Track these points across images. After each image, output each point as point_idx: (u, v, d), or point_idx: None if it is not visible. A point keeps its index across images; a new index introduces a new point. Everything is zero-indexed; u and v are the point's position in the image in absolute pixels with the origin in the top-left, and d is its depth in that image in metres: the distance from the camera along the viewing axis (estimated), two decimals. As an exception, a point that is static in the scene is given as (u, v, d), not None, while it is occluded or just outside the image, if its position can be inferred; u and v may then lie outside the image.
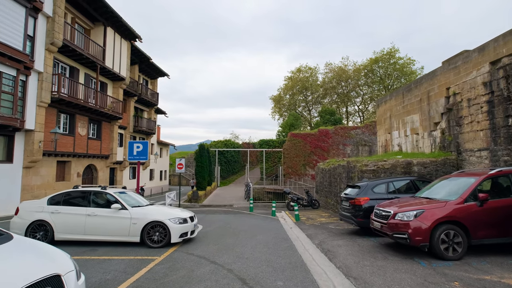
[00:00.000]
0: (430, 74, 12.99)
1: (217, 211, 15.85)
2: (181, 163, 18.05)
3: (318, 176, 17.87)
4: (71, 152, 16.98)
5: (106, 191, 7.52)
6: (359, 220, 8.30)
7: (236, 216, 14.10)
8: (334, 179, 14.13)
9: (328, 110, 40.72)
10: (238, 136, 56.63)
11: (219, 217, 13.73)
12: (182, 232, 7.30)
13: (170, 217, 7.26)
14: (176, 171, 18.13)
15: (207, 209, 17.13)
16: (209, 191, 24.20)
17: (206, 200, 20.70)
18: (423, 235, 5.70)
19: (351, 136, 32.13)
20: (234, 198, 21.85)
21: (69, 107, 16.65)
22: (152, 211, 7.48)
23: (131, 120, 24.83)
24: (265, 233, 9.50)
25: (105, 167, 20.95)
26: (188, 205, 18.39)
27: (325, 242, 7.98)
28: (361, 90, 56.15)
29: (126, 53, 21.94)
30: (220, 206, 18.20)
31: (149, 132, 27.98)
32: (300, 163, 31.30)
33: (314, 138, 31.87)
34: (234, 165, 39.04)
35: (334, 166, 14.40)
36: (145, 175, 29.32)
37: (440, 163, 11.02)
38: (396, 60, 51.62)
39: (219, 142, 37.46)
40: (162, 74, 29.51)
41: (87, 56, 17.09)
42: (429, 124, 12.91)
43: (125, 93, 23.56)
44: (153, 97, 28.58)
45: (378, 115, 18.76)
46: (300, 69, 57.99)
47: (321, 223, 11.43)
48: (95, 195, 7.46)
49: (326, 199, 15.63)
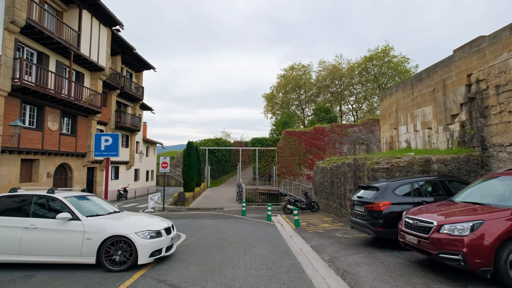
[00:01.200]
0: (446, 60, 11.52)
1: (205, 215, 14.08)
2: (166, 161, 16.21)
3: (317, 176, 16.28)
4: (39, 149, 14.94)
5: (53, 195, 5.68)
6: (378, 230, 6.69)
7: (227, 221, 12.36)
8: (337, 179, 12.54)
9: (323, 108, 39.31)
10: (229, 135, 54.60)
11: (207, 222, 11.97)
12: (154, 249, 5.54)
13: (138, 230, 5.50)
14: (160, 170, 16.28)
15: (195, 213, 15.34)
16: (197, 192, 22.37)
17: (194, 202, 18.88)
18: (485, 256, 4.10)
19: (348, 134, 30.76)
20: (225, 200, 20.09)
21: (36, 97, 14.61)
22: (114, 221, 5.69)
23: (113, 115, 22.79)
24: (261, 245, 7.81)
25: (82, 167, 18.90)
26: (173, 208, 16.56)
27: (338, 258, 6.34)
28: (354, 89, 55.12)
29: (106, 41, 19.92)
30: (210, 209, 16.42)
31: (133, 129, 25.95)
32: (295, 163, 29.76)
33: (309, 136, 30.37)
34: (226, 164, 37.23)
35: (337, 164, 12.81)
36: (129, 175, 27.26)
37: (463, 160, 9.53)
38: (390, 58, 50.69)
39: (210, 141, 35.58)
40: (148, 67, 27.50)
41: (58, 40, 15.07)
42: (445, 116, 11.44)
43: (105, 85, 21.52)
44: (138, 91, 26.56)
45: (382, 109, 17.29)
46: (293, 67, 56.56)
47: (325, 230, 9.81)
48: (37, 201, 5.61)
49: (327, 201, 14.04)
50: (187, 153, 19.42)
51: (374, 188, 7.30)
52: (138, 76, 27.57)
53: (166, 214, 14.97)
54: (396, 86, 15.57)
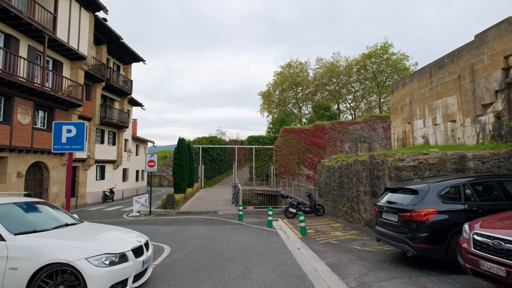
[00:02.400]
0: (474, 42, 9.99)
1: (197, 221, 12.38)
2: (153, 159, 14.47)
3: (322, 176, 14.68)
4: (6, 145, 13.07)
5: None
6: (420, 246, 5.08)
7: (222, 228, 10.67)
8: (348, 179, 10.93)
9: (322, 105, 37.75)
10: (224, 133, 52.58)
11: (199, 230, 10.27)
12: (115, 281, 3.84)
13: (91, 254, 3.78)
14: (146, 169, 14.53)
15: (185, 217, 13.62)
16: (190, 193, 20.62)
17: (186, 205, 17.12)
18: None
19: (349, 132, 29.25)
20: (219, 202, 18.39)
21: (3, 85, 12.74)
22: (59, 241, 3.97)
23: (98, 110, 20.92)
24: (264, 263, 6.15)
25: (61, 166, 17.03)
26: (161, 212, 14.80)
27: (370, 285, 4.71)
28: (352, 87, 53.87)
29: (88, 27, 18.06)
30: (202, 213, 14.71)
31: (121, 126, 24.09)
32: (294, 162, 28.16)
33: (309, 133, 28.79)
34: (220, 164, 35.47)
35: (347, 162, 11.20)
36: (117, 175, 25.37)
37: (504, 156, 7.98)
38: (389, 56, 49.44)
39: (204, 139, 33.77)
40: (137, 59, 25.63)
41: (29, 21, 13.22)
42: (474, 107, 9.91)
43: (89, 77, 19.65)
44: (126, 85, 24.69)
45: (393, 102, 15.76)
46: (290, 64, 55.03)
47: (338, 239, 8.20)
48: None
49: (335, 204, 12.45)
50: (178, 150, 17.67)
51: (409, 191, 5.69)
52: (127, 69, 25.68)
53: (153, 219, 13.23)
54: (411, 76, 14.04)
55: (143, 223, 12.00)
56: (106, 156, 23.15)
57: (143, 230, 8.44)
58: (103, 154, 22.74)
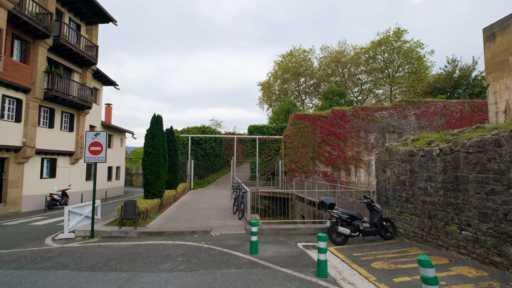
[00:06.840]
0: None
1: (170, 255, 6.35)
2: (98, 141, 8.41)
3: (388, 170, 8.79)
4: None
5: None
6: None
7: (219, 281, 4.64)
8: (482, 174, 5.04)
9: (336, 91, 31.87)
10: (220, 124, 45.80)
11: (165, 287, 4.29)
12: None
13: None
14: (86, 159, 8.44)
15: (152, 243, 7.57)
16: (170, 198, 14.49)
17: (160, 217, 11.00)
18: None
19: (376, 120, 23.47)
20: (214, 212, 12.34)
21: None
22: None
23: (40, 78, 14.71)
24: None
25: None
26: (113, 232, 8.68)
27: None
28: (360, 79, 48.45)
29: None
30: (184, 234, 8.67)
31: (81, 105, 17.87)
32: (308, 156, 22.33)
33: (326, 121, 22.97)
34: (215, 160, 29.41)
35: (467, 142, 5.32)
36: (76, 172, 19.12)
37: None
38: (401, 44, 43.92)
39: (194, 129, 27.64)
40: (105, 19, 19.41)
41: None
42: None
43: (21, 26, 13.46)
44: (90, 51, 18.46)
45: (493, 53, 9.93)
46: (292, 53, 49.17)
47: None
48: None
49: (433, 221, 6.57)
50: (150, 133, 11.60)
51: None
52: (91, 31, 19.38)
53: (91, 248, 7.18)
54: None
55: (60, 262, 5.95)
56: (58, 145, 16.93)
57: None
58: (53, 142, 16.53)
